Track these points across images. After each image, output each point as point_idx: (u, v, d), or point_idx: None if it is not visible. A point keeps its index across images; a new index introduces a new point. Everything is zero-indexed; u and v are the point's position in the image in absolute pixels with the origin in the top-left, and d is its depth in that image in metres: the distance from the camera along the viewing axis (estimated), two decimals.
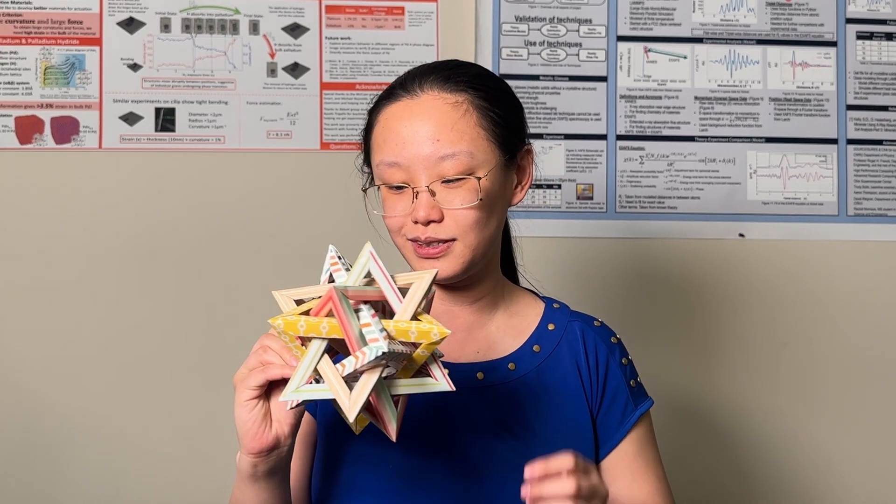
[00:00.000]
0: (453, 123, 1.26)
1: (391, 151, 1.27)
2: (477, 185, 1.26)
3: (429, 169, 1.25)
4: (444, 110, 1.27)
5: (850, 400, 2.16)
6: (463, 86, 1.29)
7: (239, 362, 1.99)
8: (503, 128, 1.30)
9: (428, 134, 1.25)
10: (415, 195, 1.26)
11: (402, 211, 1.27)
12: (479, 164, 1.26)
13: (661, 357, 2.12)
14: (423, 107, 1.27)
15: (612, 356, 1.38)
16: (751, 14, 2.16)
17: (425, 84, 1.29)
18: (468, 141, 1.26)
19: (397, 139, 1.27)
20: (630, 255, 2.13)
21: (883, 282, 2.17)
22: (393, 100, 1.30)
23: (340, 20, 2.09)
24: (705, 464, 2.14)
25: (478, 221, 1.27)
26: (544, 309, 1.40)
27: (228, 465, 1.41)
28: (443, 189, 1.26)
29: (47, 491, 2.00)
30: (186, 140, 2.05)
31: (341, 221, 2.06)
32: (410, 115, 1.27)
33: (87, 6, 2.04)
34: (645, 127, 2.14)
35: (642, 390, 1.41)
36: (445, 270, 1.27)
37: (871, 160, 2.17)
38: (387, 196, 1.29)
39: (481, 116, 1.28)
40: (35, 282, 2.01)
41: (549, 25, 2.12)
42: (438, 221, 1.26)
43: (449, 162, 1.25)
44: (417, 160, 1.25)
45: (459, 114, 1.27)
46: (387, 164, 1.27)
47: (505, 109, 1.32)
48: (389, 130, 1.28)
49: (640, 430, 1.38)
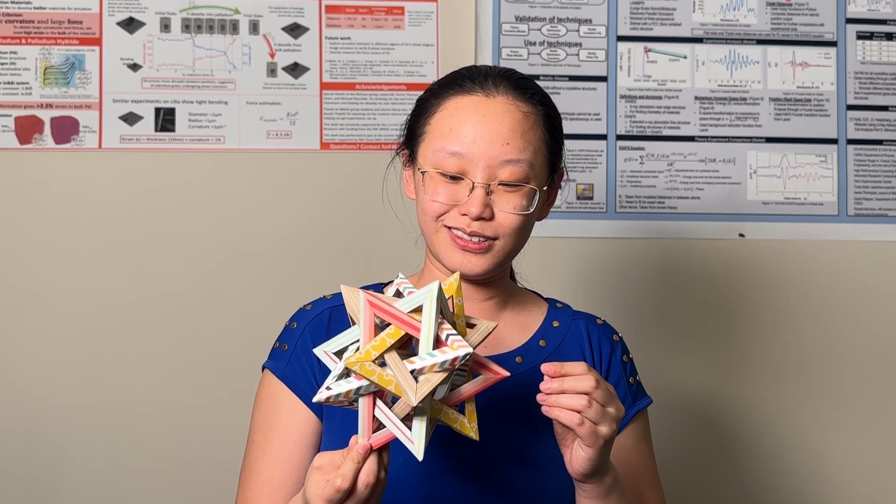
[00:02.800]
0: (524, 131, 1.31)
1: (457, 140, 1.29)
2: (532, 195, 1.31)
3: (491, 168, 1.29)
4: (517, 116, 1.31)
5: (850, 400, 2.16)
6: (535, 99, 1.34)
7: (239, 362, 1.99)
8: (557, 147, 1.37)
9: (500, 135, 1.29)
10: (471, 189, 1.29)
11: (449, 199, 1.30)
12: (535, 175, 1.32)
13: (662, 357, 2.12)
14: (498, 107, 1.31)
15: (615, 353, 1.42)
16: (751, 14, 2.16)
17: (500, 86, 1.33)
18: (532, 151, 1.31)
19: (466, 131, 1.30)
20: (630, 255, 2.13)
21: (883, 282, 2.17)
22: (464, 91, 1.33)
23: (340, 20, 2.09)
24: (705, 463, 2.14)
25: (521, 228, 1.33)
26: (548, 308, 1.45)
27: (228, 464, 1.41)
28: (499, 190, 1.30)
29: (47, 491, 2.00)
30: (186, 140, 2.05)
31: (341, 221, 2.06)
32: (485, 111, 1.30)
33: (87, 6, 2.04)
34: (645, 127, 2.14)
35: (641, 389, 1.44)
36: (481, 266, 1.31)
37: (871, 160, 2.17)
38: (435, 181, 1.31)
39: (545, 132, 1.34)
40: (35, 281, 2.01)
41: (549, 25, 2.12)
42: (488, 219, 1.30)
43: (511, 167, 1.29)
44: (483, 157, 1.29)
45: (530, 124, 1.32)
46: (449, 151, 1.30)
47: (560, 131, 1.38)
48: (459, 120, 1.31)
49: (636, 426, 1.41)
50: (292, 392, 1.35)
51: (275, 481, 1.33)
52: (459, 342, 1.09)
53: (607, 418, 1.17)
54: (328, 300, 1.42)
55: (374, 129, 2.08)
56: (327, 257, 2.05)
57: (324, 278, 2.01)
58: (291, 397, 1.35)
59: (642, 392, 1.43)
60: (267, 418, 1.36)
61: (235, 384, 1.98)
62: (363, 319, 1.10)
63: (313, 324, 1.38)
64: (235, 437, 1.42)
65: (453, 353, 1.08)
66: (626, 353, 1.44)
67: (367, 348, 1.09)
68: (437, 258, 1.36)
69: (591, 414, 1.15)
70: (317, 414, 1.35)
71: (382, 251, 2.04)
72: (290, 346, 1.38)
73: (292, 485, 1.33)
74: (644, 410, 1.42)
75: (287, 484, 1.33)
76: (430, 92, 1.38)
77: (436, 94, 1.36)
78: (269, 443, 1.34)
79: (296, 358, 1.36)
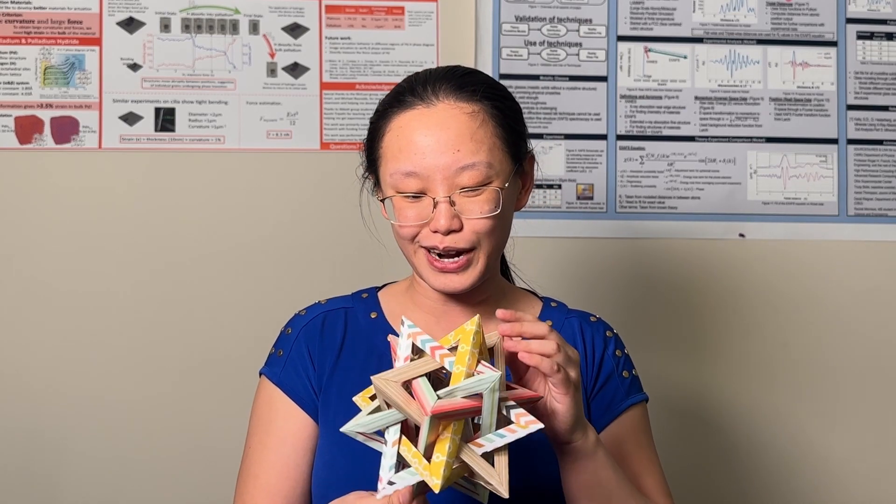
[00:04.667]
0: (472, 133, 1.27)
1: (408, 161, 1.27)
2: (497, 195, 1.28)
3: (448, 179, 1.26)
4: (462, 120, 1.27)
5: (850, 400, 2.16)
6: (478, 95, 1.30)
7: (239, 359, 2.00)
8: (514, 136, 1.32)
9: (448, 144, 1.26)
10: (434, 205, 1.26)
11: (417, 220, 1.28)
12: (497, 173, 1.28)
13: (661, 357, 2.12)
14: (440, 115, 1.27)
15: (607, 348, 1.41)
16: (751, 14, 2.16)
17: (439, 92, 1.29)
18: (486, 151, 1.28)
19: (414, 148, 1.27)
20: (630, 255, 2.13)
21: (883, 282, 2.17)
22: (405, 107, 1.30)
23: (340, 20, 2.09)
24: (705, 463, 2.14)
25: (495, 229, 1.29)
26: (542, 307, 1.44)
27: (229, 464, 1.41)
28: (461, 198, 1.27)
29: (48, 487, 2.00)
30: (186, 140, 2.05)
31: (341, 221, 2.06)
32: (428, 123, 1.27)
33: (86, 6, 2.04)
34: (645, 127, 2.14)
35: (637, 384, 1.42)
36: (463, 283, 1.30)
37: (871, 160, 2.17)
38: (400, 205, 1.29)
39: (497, 125, 1.30)
40: (35, 281, 2.01)
41: (549, 25, 2.12)
42: (458, 231, 1.27)
43: (468, 172, 1.26)
44: (437, 170, 1.26)
45: (477, 123, 1.28)
46: (403, 173, 1.27)
47: (514, 118, 1.33)
48: (405, 139, 1.28)
49: (630, 418, 1.39)
50: (288, 397, 1.36)
51: (272, 486, 1.33)
52: (527, 418, 1.06)
53: (572, 362, 1.16)
54: (322, 305, 1.42)
55: None
56: (327, 257, 2.05)
57: (323, 278, 2.01)
58: (288, 402, 1.35)
59: (638, 387, 1.42)
60: (264, 423, 1.36)
61: (236, 381, 1.98)
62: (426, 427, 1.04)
63: (307, 329, 1.39)
64: (236, 433, 1.42)
65: (524, 430, 1.06)
66: (619, 349, 1.43)
67: (444, 460, 1.03)
68: (421, 279, 1.35)
69: (560, 359, 1.14)
70: (313, 418, 1.35)
71: (382, 252, 2.03)
72: (286, 351, 1.38)
73: (290, 489, 1.33)
74: (640, 405, 1.41)
75: (284, 488, 1.33)
76: (377, 114, 1.35)
77: (382, 115, 1.33)
78: (267, 447, 1.34)
79: (291, 363, 1.37)
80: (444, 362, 1.08)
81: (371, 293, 1.44)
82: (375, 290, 1.45)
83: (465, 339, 1.08)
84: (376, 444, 1.11)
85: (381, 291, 1.45)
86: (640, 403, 1.41)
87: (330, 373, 1.35)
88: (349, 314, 1.40)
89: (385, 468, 1.07)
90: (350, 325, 1.39)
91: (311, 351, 1.37)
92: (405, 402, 1.04)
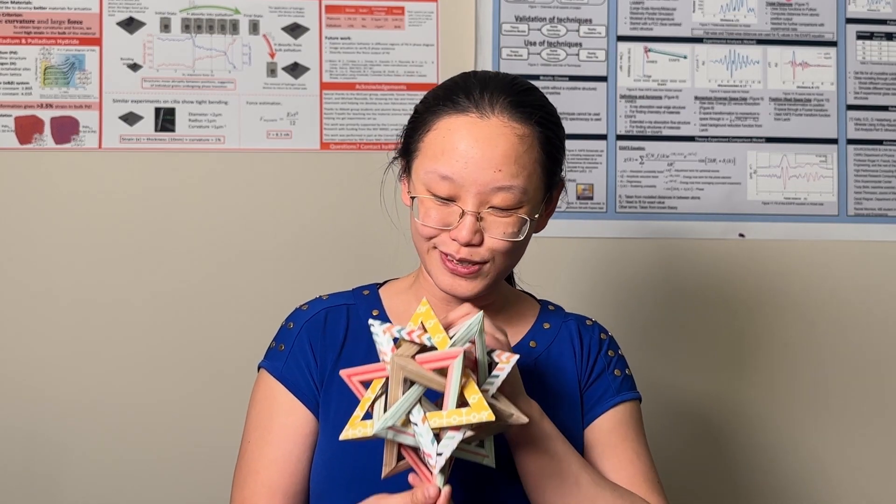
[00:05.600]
0: (517, 156, 1.26)
1: (447, 165, 1.26)
2: (523, 223, 1.28)
3: (482, 195, 1.26)
4: (511, 141, 1.26)
5: (850, 400, 2.16)
6: (533, 119, 1.29)
7: (238, 361, 1.99)
8: (554, 164, 1.33)
9: (491, 161, 1.25)
10: (462, 215, 1.26)
11: (440, 223, 1.28)
12: (529, 199, 1.29)
13: (661, 357, 2.12)
14: (491, 131, 1.26)
15: (601, 350, 1.43)
16: (751, 14, 2.16)
17: (496, 104, 1.28)
18: (525, 177, 1.27)
19: (457, 155, 1.26)
20: (630, 255, 2.13)
21: (883, 282, 2.17)
22: (458, 110, 1.28)
23: (340, 20, 2.09)
24: (704, 464, 2.14)
25: (513, 251, 1.31)
26: (540, 310, 1.46)
27: (230, 464, 1.41)
28: (488, 215, 1.27)
29: (48, 487, 2.00)
30: (186, 140, 2.05)
31: (341, 221, 2.06)
32: (477, 136, 1.26)
33: (87, 6, 2.04)
34: (645, 127, 2.14)
35: (629, 383, 1.43)
36: (470, 290, 1.30)
37: (871, 160, 2.17)
38: (427, 204, 1.29)
39: (542, 152, 1.30)
40: (35, 281, 2.01)
41: (549, 25, 2.12)
42: (477, 245, 1.28)
43: (503, 193, 1.26)
44: (473, 183, 1.26)
45: (524, 147, 1.27)
46: (439, 175, 1.27)
47: (558, 148, 1.34)
48: (450, 143, 1.27)
49: (617, 414, 1.39)
50: (290, 392, 1.35)
51: (274, 482, 1.33)
52: (505, 354, 1.20)
53: (498, 327, 1.24)
54: (324, 300, 1.42)
55: (374, 129, 2.08)
56: (327, 257, 2.05)
57: (323, 277, 2.01)
58: (289, 397, 1.35)
59: (629, 386, 1.42)
60: (264, 418, 1.36)
61: (236, 380, 1.97)
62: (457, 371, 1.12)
63: (310, 324, 1.39)
64: (236, 433, 1.42)
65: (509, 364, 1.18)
66: (611, 349, 1.44)
67: (479, 396, 1.11)
68: (429, 276, 1.35)
69: (486, 324, 1.19)
70: (314, 413, 1.35)
71: (381, 251, 2.04)
72: (287, 346, 1.38)
73: (290, 485, 1.33)
74: (631, 403, 1.41)
75: (285, 484, 1.33)
76: (425, 104, 1.33)
77: (430, 108, 1.31)
78: (268, 443, 1.34)
79: (293, 358, 1.37)
80: (422, 340, 1.15)
81: (372, 290, 1.44)
82: (376, 287, 1.45)
83: (426, 317, 1.16)
84: (404, 437, 1.13)
85: (382, 289, 1.45)
86: (632, 401, 1.42)
87: (331, 369, 1.35)
88: (351, 311, 1.40)
89: (427, 444, 1.10)
90: (352, 321, 1.39)
91: (313, 346, 1.37)
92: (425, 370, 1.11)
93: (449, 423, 1.10)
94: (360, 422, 1.14)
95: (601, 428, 1.38)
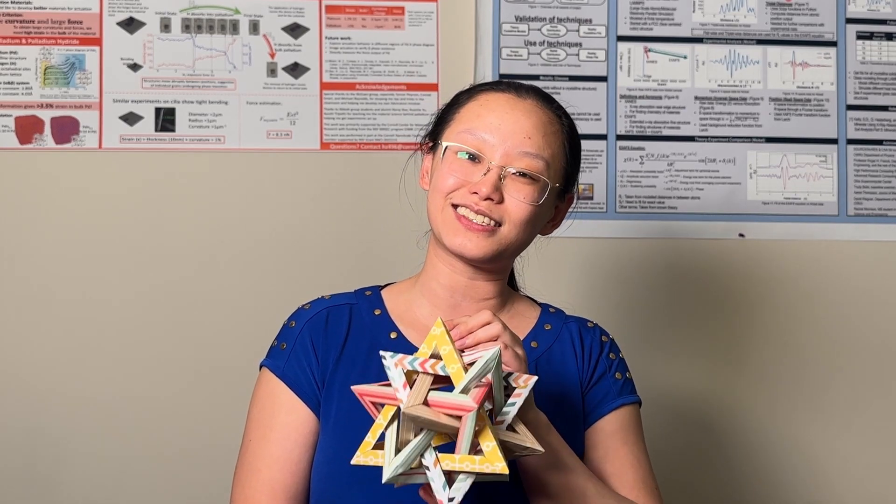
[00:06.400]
0: (546, 133, 1.36)
1: (483, 125, 1.34)
2: (543, 189, 1.34)
3: (508, 154, 1.33)
4: (543, 118, 1.37)
5: (850, 400, 2.16)
6: (562, 112, 1.41)
7: (238, 360, 1.99)
8: (573, 169, 1.42)
9: (523, 128, 1.34)
10: (487, 170, 1.32)
11: (463, 176, 1.34)
12: (550, 176, 1.35)
13: (661, 357, 2.12)
14: (526, 106, 1.37)
15: (602, 352, 1.45)
16: (751, 14, 2.16)
17: (530, 92, 1.39)
18: (551, 153, 1.36)
19: (493, 116, 1.35)
20: (630, 255, 2.13)
21: (883, 282, 2.17)
22: (497, 89, 1.39)
23: (340, 20, 2.09)
24: (703, 464, 2.14)
25: (527, 220, 1.35)
26: (541, 312, 1.47)
27: (230, 463, 1.41)
28: (512, 178, 1.33)
29: (49, 485, 2.00)
30: (186, 140, 2.05)
31: (341, 221, 2.06)
32: (514, 107, 1.36)
33: (87, 6, 2.04)
34: (645, 127, 2.14)
35: (629, 387, 1.45)
36: (481, 249, 1.33)
37: (871, 160, 2.17)
38: (452, 159, 1.35)
39: (566, 143, 1.40)
40: (35, 281, 2.01)
41: (549, 25, 2.12)
42: (496, 202, 1.32)
43: (528, 159, 1.34)
44: (503, 144, 1.33)
45: (554, 129, 1.38)
46: (472, 134, 1.34)
47: (578, 155, 1.43)
48: (489, 109, 1.36)
49: (618, 417, 1.41)
50: (292, 391, 1.35)
51: (275, 481, 1.33)
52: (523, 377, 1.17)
53: (517, 342, 1.23)
54: (326, 300, 1.43)
55: (374, 129, 2.08)
56: (327, 257, 2.05)
57: (323, 278, 2.01)
58: (291, 396, 1.35)
59: (630, 389, 1.44)
60: (266, 417, 1.36)
61: (236, 380, 1.97)
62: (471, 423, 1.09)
63: (311, 323, 1.39)
64: (237, 433, 1.42)
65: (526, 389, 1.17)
66: (613, 352, 1.46)
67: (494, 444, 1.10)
68: (439, 240, 1.37)
69: (507, 338, 1.21)
70: (315, 413, 1.35)
71: (382, 251, 2.04)
72: (289, 344, 1.38)
73: (291, 484, 1.33)
74: (631, 406, 1.42)
75: (286, 483, 1.33)
76: (464, 92, 1.43)
77: (470, 92, 1.41)
78: (269, 441, 1.34)
79: (294, 357, 1.37)
80: (436, 370, 1.13)
81: (374, 291, 1.45)
82: (378, 289, 1.46)
83: (440, 342, 1.14)
84: (418, 478, 1.13)
85: (384, 290, 1.46)
86: (632, 405, 1.43)
87: (333, 368, 1.36)
88: (353, 310, 1.41)
89: (439, 490, 1.11)
90: (354, 321, 1.40)
91: (315, 345, 1.37)
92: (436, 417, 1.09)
93: (461, 469, 1.10)
94: (371, 450, 1.14)
95: (602, 430, 1.39)
